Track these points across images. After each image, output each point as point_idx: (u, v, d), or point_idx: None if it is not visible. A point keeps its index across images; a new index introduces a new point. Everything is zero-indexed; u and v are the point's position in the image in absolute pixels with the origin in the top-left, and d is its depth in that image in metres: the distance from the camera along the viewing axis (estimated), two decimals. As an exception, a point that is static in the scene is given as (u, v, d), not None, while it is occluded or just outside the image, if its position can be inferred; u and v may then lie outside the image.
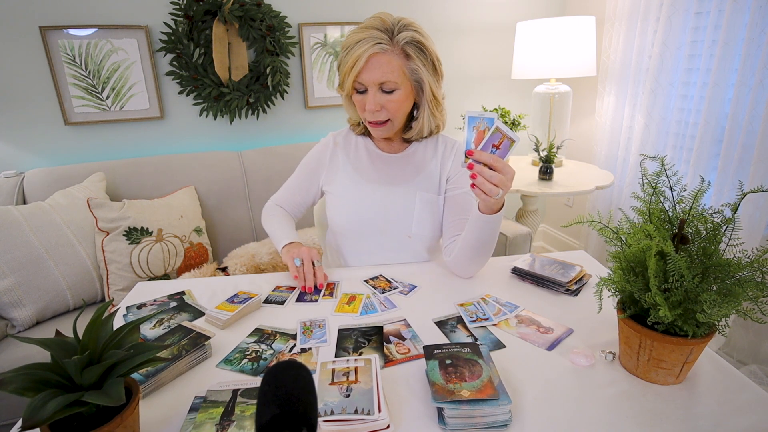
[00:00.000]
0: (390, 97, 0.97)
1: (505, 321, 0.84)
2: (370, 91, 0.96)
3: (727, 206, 0.63)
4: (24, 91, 1.78)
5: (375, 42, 0.92)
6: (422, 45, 0.96)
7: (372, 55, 0.93)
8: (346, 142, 1.14)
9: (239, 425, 0.60)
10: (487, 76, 2.46)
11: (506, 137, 0.79)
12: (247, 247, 1.74)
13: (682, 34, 1.80)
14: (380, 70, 0.94)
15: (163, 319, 0.89)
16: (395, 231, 1.09)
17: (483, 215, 0.89)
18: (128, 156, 1.95)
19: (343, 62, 0.96)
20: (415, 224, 1.08)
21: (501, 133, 0.78)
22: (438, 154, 1.11)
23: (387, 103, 0.97)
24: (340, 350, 0.77)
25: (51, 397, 0.49)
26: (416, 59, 0.95)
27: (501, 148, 0.79)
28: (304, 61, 2.09)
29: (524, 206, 2.23)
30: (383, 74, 0.94)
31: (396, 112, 0.99)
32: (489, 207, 0.87)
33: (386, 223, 1.09)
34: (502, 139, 0.79)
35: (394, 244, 1.11)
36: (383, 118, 0.99)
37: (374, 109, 0.97)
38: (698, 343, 0.62)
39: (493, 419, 0.59)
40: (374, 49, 0.92)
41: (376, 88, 0.96)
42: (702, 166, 1.75)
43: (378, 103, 0.97)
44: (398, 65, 0.95)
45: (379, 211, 1.08)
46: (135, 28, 1.84)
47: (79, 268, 1.52)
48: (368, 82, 0.95)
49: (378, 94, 0.96)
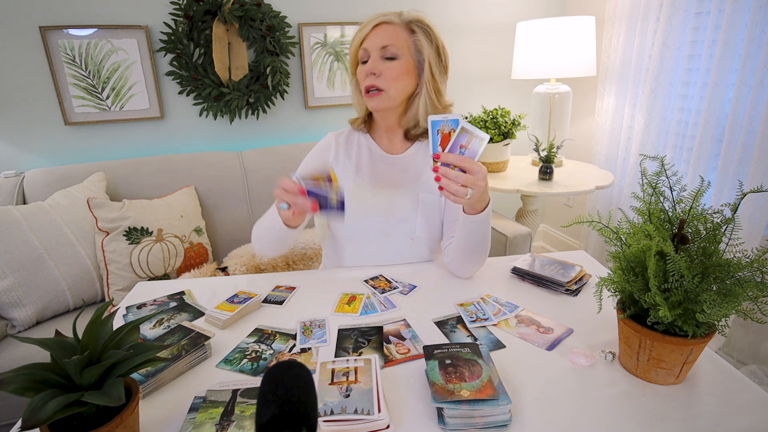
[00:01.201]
0: (389, 64, 0.98)
1: (505, 321, 0.84)
2: (371, 57, 0.99)
3: (727, 206, 0.63)
4: (24, 91, 1.78)
5: (382, 15, 0.99)
6: (429, 28, 1.00)
7: (378, 24, 0.98)
8: (347, 143, 1.13)
9: (239, 425, 0.60)
10: (487, 76, 2.46)
11: (474, 136, 0.77)
12: (247, 247, 1.74)
13: (682, 34, 1.80)
14: (384, 35, 0.97)
15: (163, 319, 0.89)
16: (398, 234, 1.08)
17: (468, 216, 0.89)
18: (128, 156, 1.95)
19: (353, 38, 1.02)
20: (418, 227, 1.07)
21: (468, 133, 0.77)
22: None
23: (385, 70, 0.98)
24: (340, 350, 0.77)
25: (51, 397, 0.49)
26: (420, 36, 0.98)
27: (470, 148, 0.78)
28: (304, 61, 2.09)
29: (524, 206, 2.23)
30: (387, 38, 0.97)
31: (392, 82, 0.98)
32: (472, 207, 0.87)
33: (390, 227, 1.08)
34: (469, 139, 0.78)
35: (397, 247, 1.10)
36: (379, 84, 0.98)
37: (371, 71, 0.98)
38: (698, 343, 0.62)
39: (493, 419, 0.59)
40: (381, 19, 0.98)
41: (378, 54, 0.98)
42: (702, 166, 1.75)
43: (377, 68, 0.97)
44: (403, 36, 0.98)
45: (382, 215, 1.07)
46: (135, 28, 1.84)
47: (79, 268, 1.52)
48: (371, 46, 0.98)
49: (378, 61, 0.98)
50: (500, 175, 2.13)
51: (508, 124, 2.07)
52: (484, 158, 2.14)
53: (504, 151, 2.11)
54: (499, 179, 2.05)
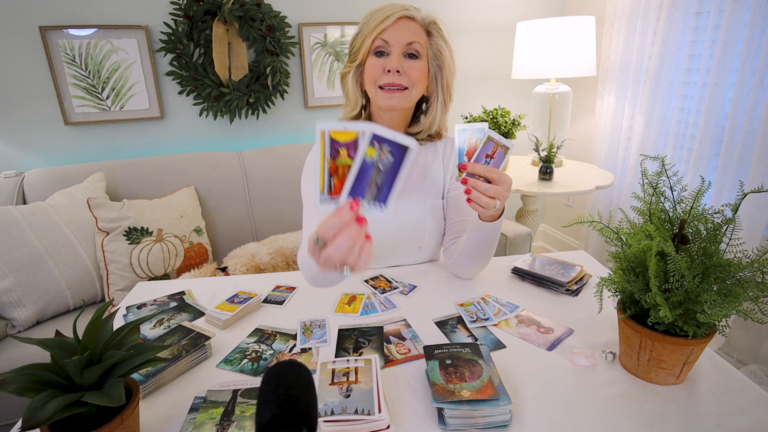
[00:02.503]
0: (413, 63, 0.92)
1: (506, 321, 0.84)
2: (393, 53, 0.91)
3: (728, 206, 0.63)
4: (24, 91, 1.78)
5: (404, 8, 0.91)
6: (443, 32, 0.95)
7: (401, 17, 0.91)
8: None
9: (239, 425, 0.60)
10: (487, 76, 2.45)
11: (499, 145, 0.76)
12: (247, 247, 1.74)
13: (682, 34, 1.80)
14: (409, 31, 0.91)
15: (163, 319, 0.89)
16: (406, 245, 1.05)
17: (484, 223, 0.87)
18: (128, 156, 1.95)
19: (364, 27, 0.92)
20: (427, 235, 1.04)
21: (494, 142, 0.75)
22: (439, 154, 1.07)
23: (410, 69, 0.91)
24: (340, 350, 0.77)
25: (51, 397, 0.49)
26: (439, 39, 0.94)
27: (495, 157, 0.76)
28: (304, 61, 2.09)
29: (524, 206, 2.23)
30: (412, 35, 0.91)
31: (416, 82, 0.93)
32: (489, 216, 0.85)
33: (398, 240, 1.04)
34: (495, 148, 0.76)
35: (404, 258, 1.08)
36: (404, 83, 0.92)
37: (396, 68, 0.89)
38: (698, 343, 0.62)
39: (493, 419, 0.59)
40: (404, 12, 0.91)
41: (400, 51, 0.91)
42: (702, 166, 1.75)
43: (401, 65, 0.90)
44: (424, 37, 0.93)
45: (390, 228, 1.02)
46: (135, 28, 1.83)
47: (79, 268, 1.52)
48: (394, 40, 0.90)
49: (401, 58, 0.91)
50: (500, 175, 2.13)
51: (508, 124, 2.07)
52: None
53: (504, 151, 2.11)
54: (499, 179, 2.05)
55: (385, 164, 0.56)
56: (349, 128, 0.55)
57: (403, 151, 0.56)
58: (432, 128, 1.02)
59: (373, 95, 0.95)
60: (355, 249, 0.55)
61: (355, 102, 1.00)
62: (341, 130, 0.55)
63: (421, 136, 1.03)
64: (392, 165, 0.57)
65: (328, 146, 0.55)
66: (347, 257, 0.55)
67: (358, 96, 0.99)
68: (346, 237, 0.55)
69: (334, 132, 0.54)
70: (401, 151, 0.56)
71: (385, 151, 0.56)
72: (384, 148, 0.56)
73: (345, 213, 0.56)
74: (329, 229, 0.55)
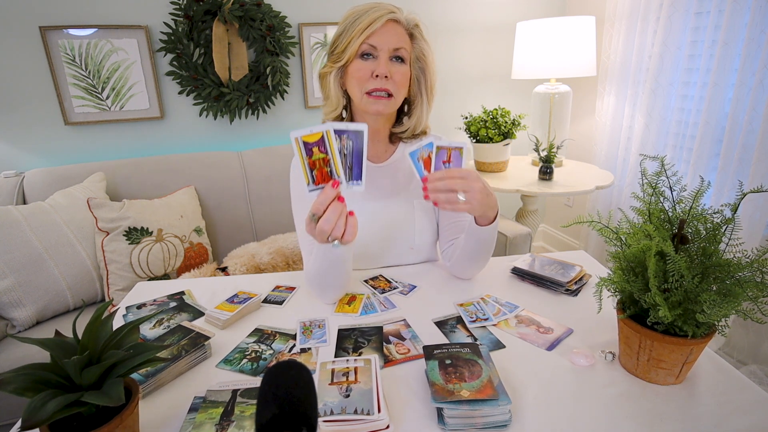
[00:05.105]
0: (399, 67, 0.92)
1: (505, 321, 0.84)
2: (381, 57, 0.91)
3: (727, 206, 0.63)
4: (24, 91, 1.78)
5: (390, 11, 0.91)
6: (424, 33, 0.96)
7: (389, 21, 0.91)
8: None
9: (239, 425, 0.60)
10: (487, 76, 2.45)
11: (451, 149, 0.79)
12: (247, 247, 1.74)
13: (682, 34, 1.80)
14: (396, 36, 0.91)
15: (163, 319, 0.89)
16: (397, 247, 1.05)
17: (479, 227, 0.87)
18: (128, 156, 1.95)
19: (350, 28, 0.90)
20: (417, 236, 1.04)
21: (444, 149, 0.79)
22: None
23: (395, 73, 0.91)
24: (340, 350, 0.77)
25: (50, 397, 0.49)
26: (421, 43, 0.95)
27: (452, 160, 0.80)
28: (304, 61, 2.09)
29: (524, 206, 2.23)
30: (399, 41, 0.91)
31: (401, 87, 0.94)
32: (484, 216, 0.85)
33: (388, 241, 1.04)
34: (448, 153, 0.79)
35: (396, 260, 1.08)
36: (390, 89, 0.92)
37: (385, 73, 0.90)
38: (698, 343, 0.62)
39: (492, 419, 0.59)
40: (391, 16, 0.91)
41: (388, 55, 0.91)
42: (702, 166, 1.75)
43: (389, 69, 0.91)
44: (408, 40, 0.94)
45: (379, 231, 1.03)
46: (135, 28, 1.84)
47: (79, 268, 1.52)
48: (382, 45, 0.90)
49: (389, 62, 0.91)
50: (500, 175, 2.13)
51: (508, 124, 2.07)
52: (484, 159, 2.14)
53: (504, 151, 2.11)
54: (499, 179, 2.05)
55: (348, 149, 0.72)
56: (314, 131, 0.70)
57: (360, 135, 0.71)
58: (417, 128, 1.03)
59: (358, 99, 0.94)
60: (341, 222, 0.71)
61: (337, 102, 0.99)
62: (308, 133, 0.70)
63: (406, 135, 1.04)
64: (354, 147, 0.72)
65: (303, 148, 0.70)
66: (336, 230, 0.71)
67: (339, 96, 0.98)
68: (332, 211, 0.70)
69: (304, 136, 0.70)
70: (358, 135, 0.71)
71: (345, 139, 0.72)
72: (344, 138, 0.72)
73: (329, 191, 0.71)
74: (320, 204, 0.70)
